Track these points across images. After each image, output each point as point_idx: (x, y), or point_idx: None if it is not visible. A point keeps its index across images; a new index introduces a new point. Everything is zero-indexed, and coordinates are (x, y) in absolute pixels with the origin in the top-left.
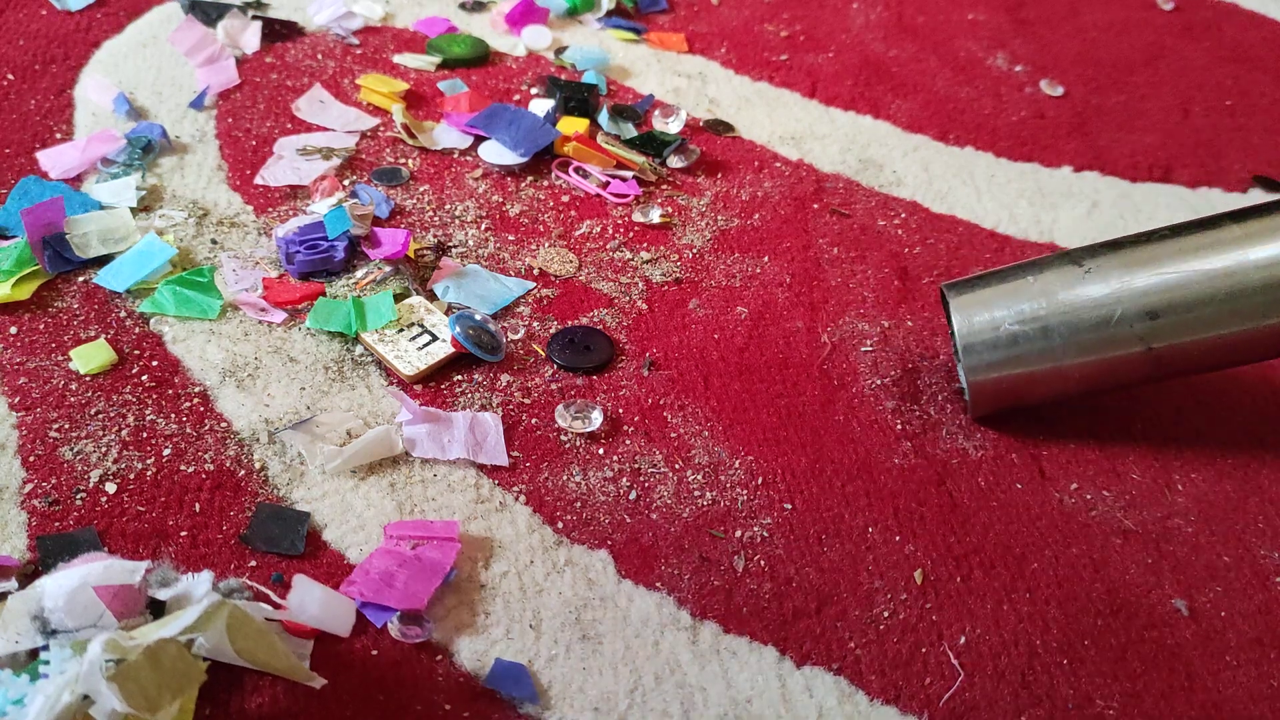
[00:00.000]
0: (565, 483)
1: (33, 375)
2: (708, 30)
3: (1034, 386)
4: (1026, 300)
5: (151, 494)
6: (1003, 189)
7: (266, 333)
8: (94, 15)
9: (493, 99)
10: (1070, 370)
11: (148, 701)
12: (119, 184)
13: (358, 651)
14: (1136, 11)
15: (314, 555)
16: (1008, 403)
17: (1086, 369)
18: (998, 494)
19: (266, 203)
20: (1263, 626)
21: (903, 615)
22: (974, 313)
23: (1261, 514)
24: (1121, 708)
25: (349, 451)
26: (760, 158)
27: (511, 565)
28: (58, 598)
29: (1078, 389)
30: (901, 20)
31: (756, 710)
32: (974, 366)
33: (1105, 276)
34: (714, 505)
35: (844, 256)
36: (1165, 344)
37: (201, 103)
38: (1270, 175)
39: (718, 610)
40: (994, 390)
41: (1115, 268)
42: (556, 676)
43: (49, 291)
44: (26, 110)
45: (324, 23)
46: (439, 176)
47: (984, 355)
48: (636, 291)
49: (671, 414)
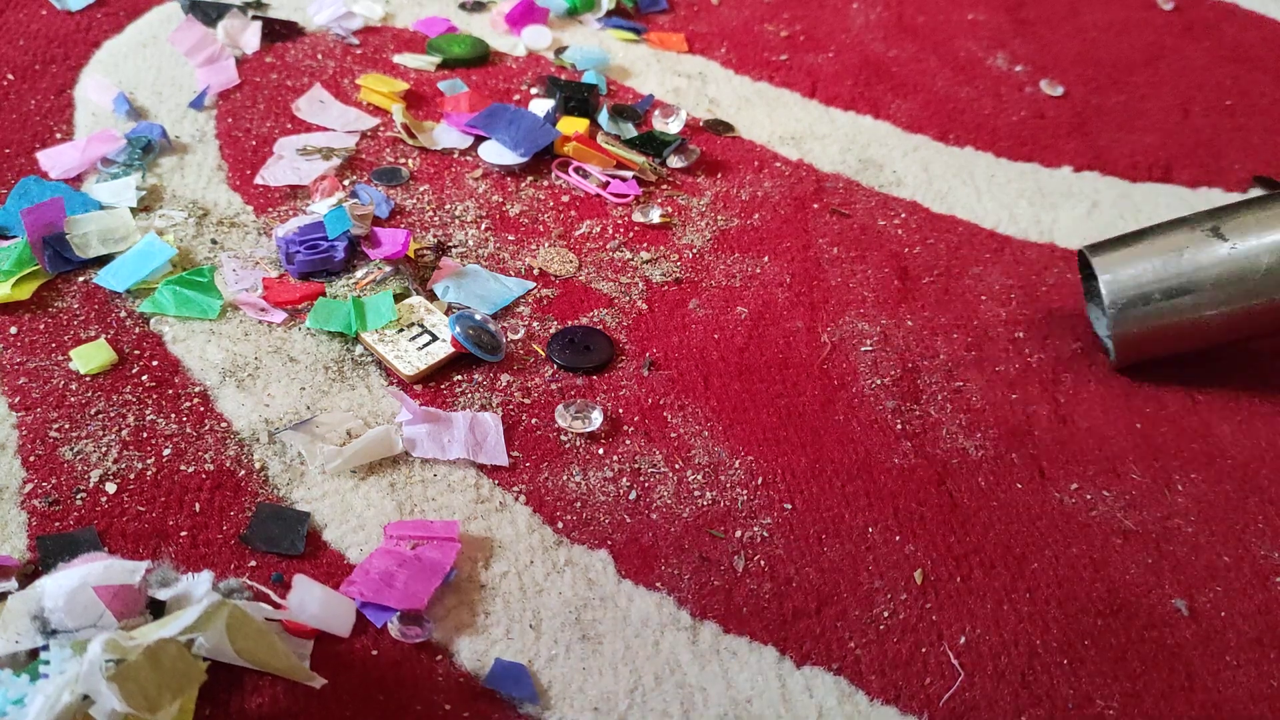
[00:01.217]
0: (565, 483)
1: (33, 375)
2: (708, 30)
3: (1179, 338)
4: (1166, 255)
5: (151, 494)
6: (1003, 189)
7: (266, 333)
8: (94, 15)
9: (493, 99)
10: (1214, 320)
11: (148, 701)
12: (119, 184)
13: (358, 651)
14: (1136, 11)
15: (314, 555)
16: (1151, 353)
17: (1232, 318)
18: (998, 494)
19: (266, 203)
20: (1263, 626)
21: (903, 615)
22: (1118, 269)
23: (1261, 514)
24: (1121, 708)
25: (349, 451)
26: (760, 158)
27: (511, 565)
28: (58, 598)
29: (1222, 338)
30: (901, 20)
31: (756, 710)
32: (1120, 320)
33: (1243, 232)
34: (714, 505)
35: (844, 256)
36: None
37: (201, 103)
38: (1270, 175)
39: (718, 610)
40: (1138, 341)
41: (1252, 226)
42: (556, 676)
43: (49, 291)
44: (27, 110)
45: (324, 23)
46: (439, 176)
47: (1130, 310)
48: (636, 291)
49: (671, 414)
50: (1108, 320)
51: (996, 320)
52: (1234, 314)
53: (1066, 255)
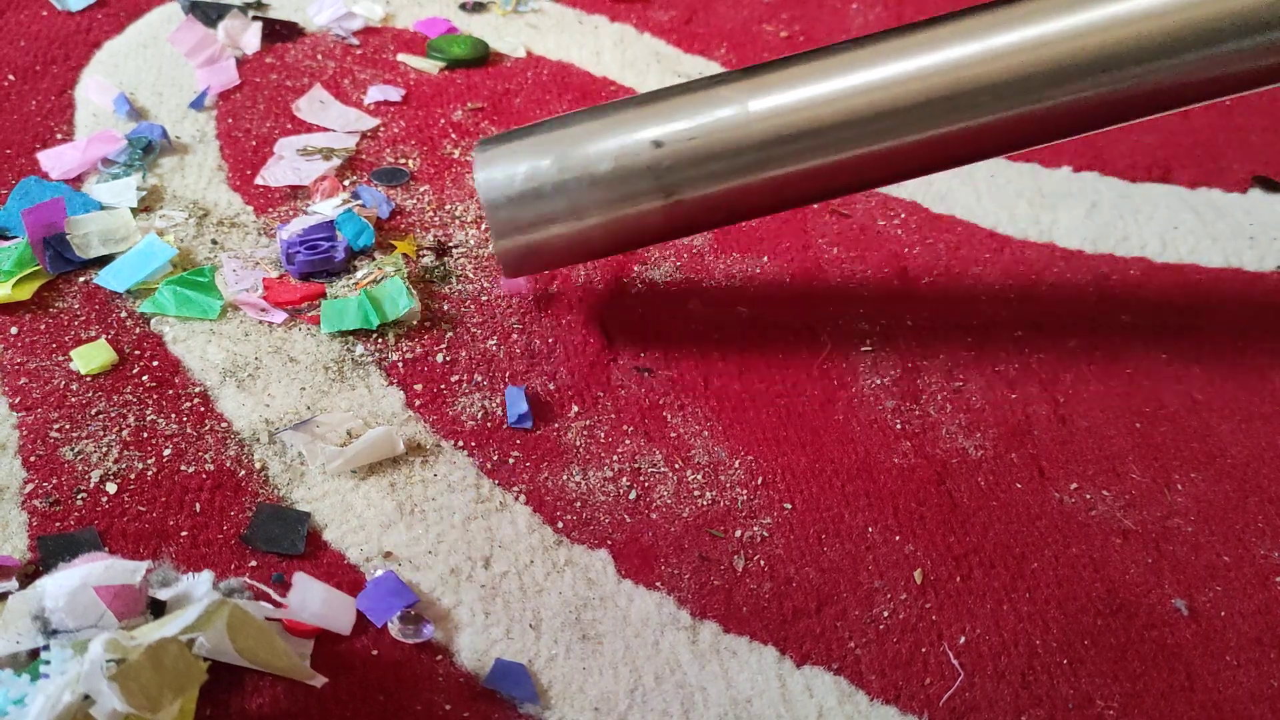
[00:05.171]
0: (565, 482)
1: (33, 375)
2: (707, 30)
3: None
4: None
5: (152, 494)
6: (1002, 189)
7: (267, 333)
8: (94, 16)
9: (492, 99)
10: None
11: (149, 701)
12: (119, 184)
13: (358, 651)
14: None
15: (314, 555)
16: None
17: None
18: (997, 494)
19: (267, 203)
20: (1263, 626)
21: (903, 615)
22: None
23: (1261, 514)
24: (1121, 708)
25: (350, 452)
26: None
27: (511, 565)
28: (58, 598)
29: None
30: (901, 20)
31: (756, 710)
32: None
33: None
34: (714, 505)
35: (844, 256)
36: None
37: (202, 103)
38: (1270, 175)
39: (718, 610)
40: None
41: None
42: (556, 676)
43: (50, 292)
44: (27, 111)
45: (324, 23)
46: (439, 176)
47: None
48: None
49: (671, 414)
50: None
51: (996, 320)
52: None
53: (1066, 255)
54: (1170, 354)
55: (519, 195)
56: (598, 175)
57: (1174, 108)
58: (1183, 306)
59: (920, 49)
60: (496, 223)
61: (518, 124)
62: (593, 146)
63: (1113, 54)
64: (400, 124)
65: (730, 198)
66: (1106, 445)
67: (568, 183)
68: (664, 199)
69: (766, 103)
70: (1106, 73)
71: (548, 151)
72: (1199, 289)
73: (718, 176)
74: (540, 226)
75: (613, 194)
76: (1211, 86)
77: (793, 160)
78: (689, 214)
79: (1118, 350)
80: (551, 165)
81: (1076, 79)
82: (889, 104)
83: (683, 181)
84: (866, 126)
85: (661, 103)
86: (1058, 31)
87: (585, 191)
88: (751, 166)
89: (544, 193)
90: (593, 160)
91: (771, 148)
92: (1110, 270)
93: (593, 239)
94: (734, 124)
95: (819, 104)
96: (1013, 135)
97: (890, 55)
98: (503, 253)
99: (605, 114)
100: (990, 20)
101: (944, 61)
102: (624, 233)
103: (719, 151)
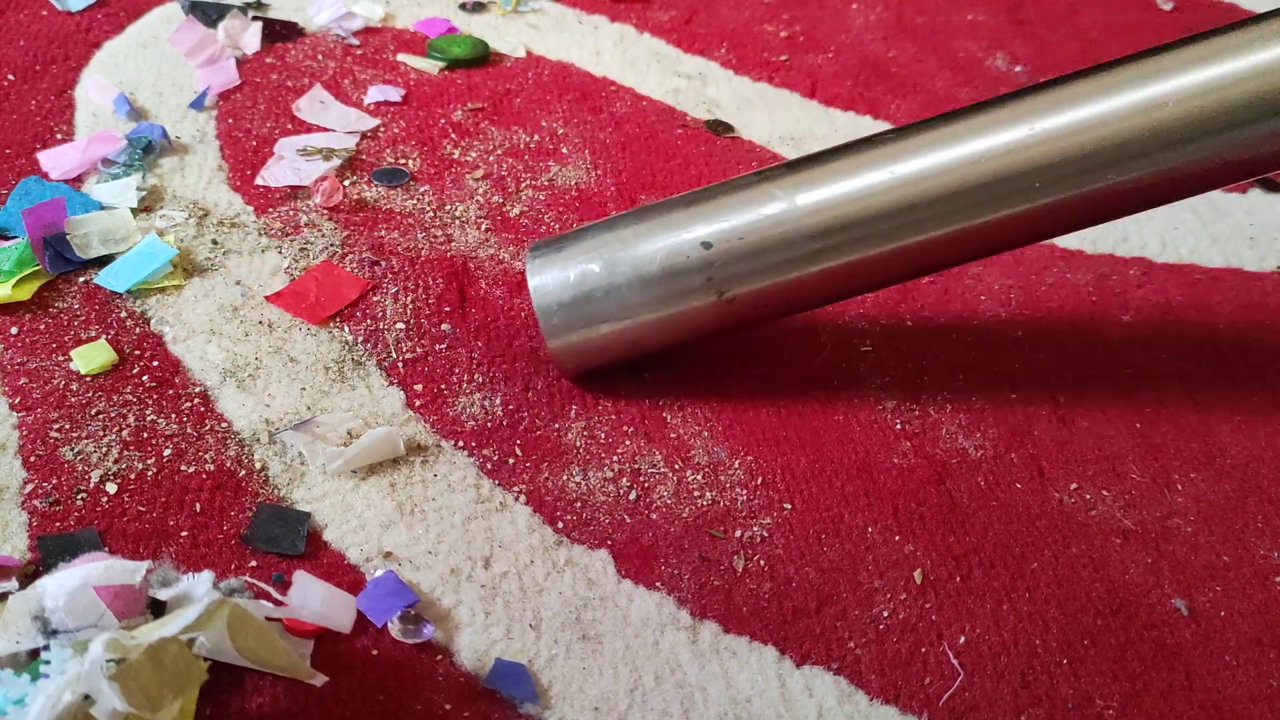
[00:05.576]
0: (565, 483)
1: (33, 375)
2: (707, 30)
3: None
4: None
5: (152, 494)
6: None
7: (267, 333)
8: (94, 16)
9: (492, 100)
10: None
11: (149, 701)
12: (119, 184)
13: (358, 651)
14: (1136, 12)
15: (314, 555)
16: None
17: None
18: (997, 494)
19: (267, 203)
20: (1263, 626)
21: (902, 615)
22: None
23: (1261, 514)
24: (1121, 707)
25: (351, 452)
26: (760, 158)
27: (511, 565)
28: (58, 598)
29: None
30: (901, 20)
31: (756, 710)
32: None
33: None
34: (714, 505)
35: None
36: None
37: (202, 103)
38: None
39: (718, 610)
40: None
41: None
42: (556, 676)
43: (50, 292)
44: (27, 111)
45: (324, 23)
46: (439, 177)
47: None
48: None
49: (671, 414)
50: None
51: (996, 320)
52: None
53: (1066, 255)
54: (1170, 354)
55: (571, 300)
56: (648, 278)
57: (1227, 182)
58: (1183, 306)
59: (969, 135)
60: (549, 327)
61: (518, 124)
62: (643, 248)
63: (1168, 131)
64: (400, 124)
65: (782, 293)
66: (1106, 445)
67: (619, 286)
68: (716, 297)
69: (814, 196)
70: (1163, 151)
71: (597, 256)
72: (1199, 289)
73: (769, 272)
74: (593, 328)
75: (664, 295)
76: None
77: (845, 251)
78: (741, 311)
79: (1118, 350)
80: (602, 270)
81: (1134, 158)
82: (940, 191)
83: (733, 279)
84: (917, 214)
85: (708, 202)
86: (1109, 111)
87: (637, 294)
88: (803, 260)
89: (595, 297)
90: (643, 263)
91: (822, 239)
92: (1110, 270)
93: (646, 338)
94: (783, 220)
95: (867, 195)
96: (1070, 216)
97: (935, 144)
98: (557, 354)
99: (653, 215)
100: (1036, 103)
101: (994, 146)
102: (678, 329)
103: (769, 248)
